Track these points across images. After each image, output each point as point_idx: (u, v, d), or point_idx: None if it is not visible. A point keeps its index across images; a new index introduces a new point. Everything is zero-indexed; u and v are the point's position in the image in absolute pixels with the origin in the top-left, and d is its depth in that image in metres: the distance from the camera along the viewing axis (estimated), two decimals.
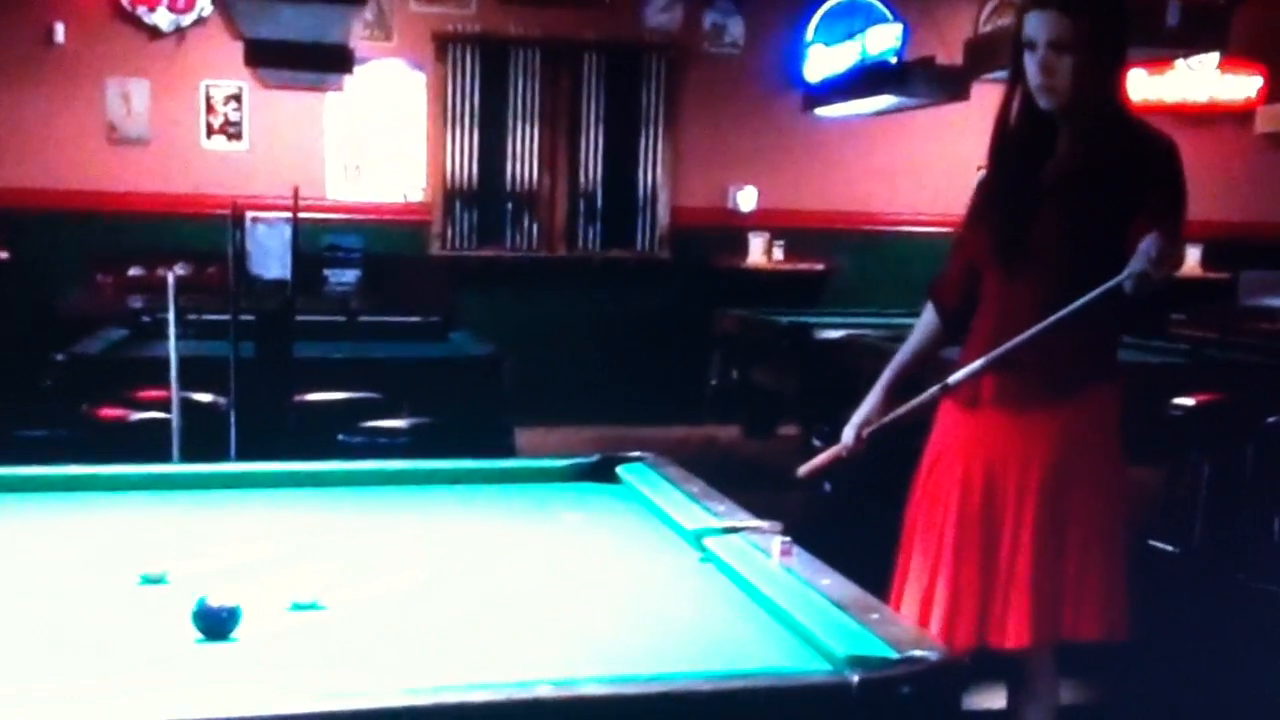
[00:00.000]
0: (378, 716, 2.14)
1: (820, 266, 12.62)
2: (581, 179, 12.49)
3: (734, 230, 12.59)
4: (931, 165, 12.83)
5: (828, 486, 4.12)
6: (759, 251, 12.63)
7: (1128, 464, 3.95)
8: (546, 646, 2.63)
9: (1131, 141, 3.81)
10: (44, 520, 3.68)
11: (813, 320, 9.46)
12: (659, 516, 3.61)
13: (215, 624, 2.61)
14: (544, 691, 2.20)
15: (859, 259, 12.74)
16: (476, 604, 2.95)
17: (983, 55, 8.89)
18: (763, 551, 3.09)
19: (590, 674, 2.33)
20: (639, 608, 2.92)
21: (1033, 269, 3.84)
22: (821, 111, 11.89)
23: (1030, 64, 3.84)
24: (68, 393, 6.44)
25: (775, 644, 2.60)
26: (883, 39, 10.91)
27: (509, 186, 12.39)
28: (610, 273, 12.34)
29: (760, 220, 12.66)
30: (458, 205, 12.34)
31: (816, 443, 4.22)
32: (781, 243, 12.67)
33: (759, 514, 3.48)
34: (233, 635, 2.60)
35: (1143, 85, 12.96)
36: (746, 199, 12.61)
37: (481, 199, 12.36)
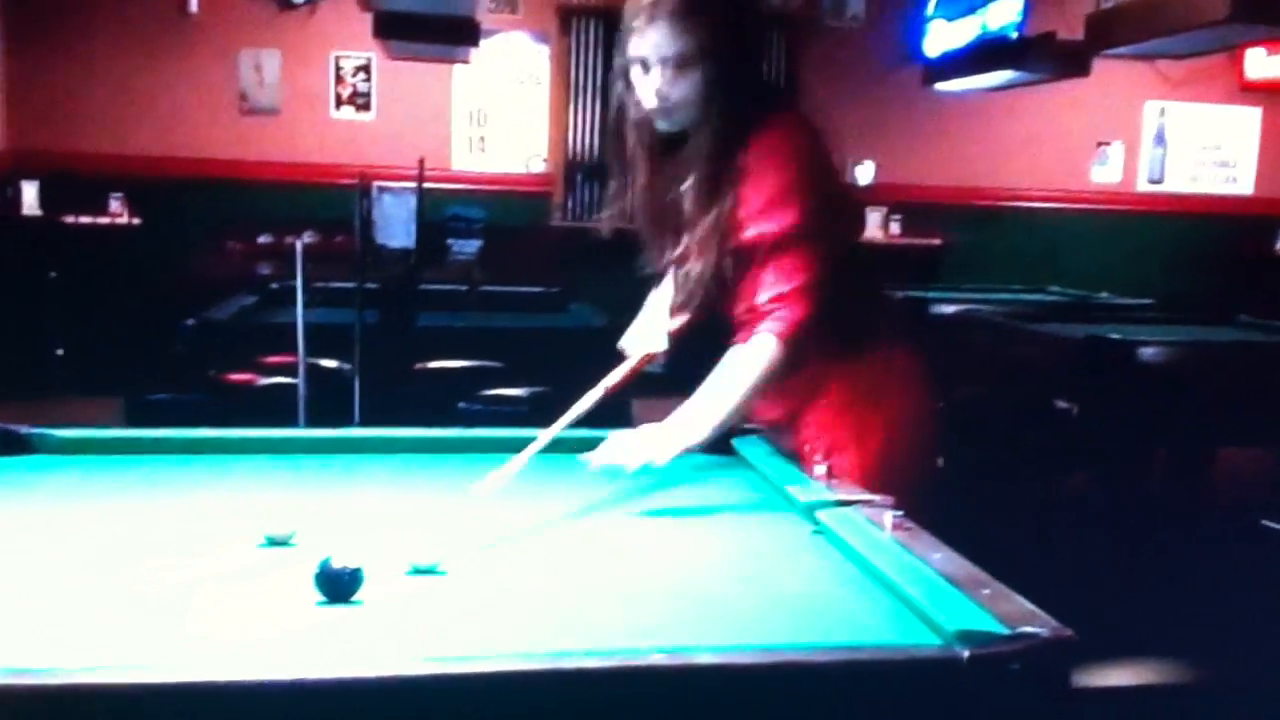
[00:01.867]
0: (495, 681, 2.16)
1: (937, 241, 12.56)
2: None
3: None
4: (1050, 140, 12.74)
5: (940, 461, 4.08)
6: (875, 226, 12.59)
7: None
8: (660, 614, 2.64)
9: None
10: (171, 482, 3.73)
11: (929, 295, 9.41)
12: (772, 489, 3.61)
13: (337, 586, 2.63)
14: (657, 660, 2.21)
15: (976, 234, 12.68)
16: (592, 571, 2.97)
17: (1104, 30, 8.79)
18: (875, 525, 3.09)
19: (702, 643, 2.33)
20: (751, 578, 2.92)
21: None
22: (941, 86, 11.80)
23: (643, 86, 3.51)
24: (198, 357, 6.52)
25: (885, 617, 2.60)
26: (1003, 14, 10.81)
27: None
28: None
29: (878, 194, 12.62)
30: (579, 177, 12.37)
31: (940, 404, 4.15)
32: (899, 217, 12.64)
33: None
34: (354, 598, 2.62)
35: (1264, 65, 12.81)
36: (864, 173, 12.58)
37: (602, 171, 12.39)
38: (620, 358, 3.83)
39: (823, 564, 3.01)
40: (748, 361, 3.39)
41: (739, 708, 2.21)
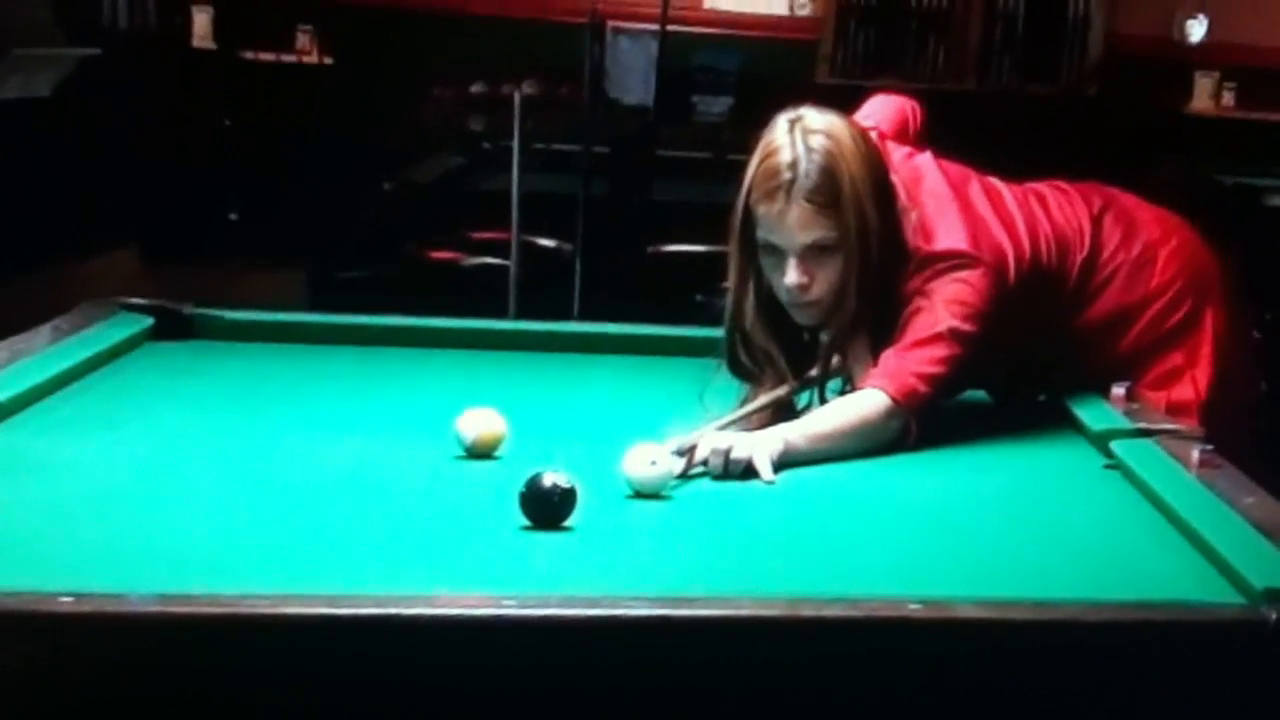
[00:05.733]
0: (724, 625, 2.23)
1: (1279, 117, 12.24)
2: None
3: (1177, 66, 12.25)
4: None
5: (1264, 385, 4.05)
6: (1205, 94, 12.26)
7: None
8: (917, 559, 2.70)
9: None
10: (357, 379, 3.86)
11: (1264, 183, 9.20)
12: (1060, 413, 3.64)
13: (547, 508, 2.69)
14: (912, 611, 2.25)
15: None
16: (837, 504, 3.03)
17: None
18: (1178, 460, 3.11)
19: (965, 593, 2.36)
20: (1030, 519, 2.99)
21: None
22: None
23: (774, 275, 3.47)
24: (394, 227, 6.61)
25: (1182, 569, 2.62)
26: None
27: (914, 1, 12.31)
28: (1026, 110, 12.14)
29: (1210, 56, 12.29)
30: (853, 23, 12.29)
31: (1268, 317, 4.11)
32: (1234, 85, 12.30)
33: None
34: (565, 523, 2.69)
35: None
36: (1195, 29, 12.30)
37: (881, 15, 12.29)
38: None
39: (1114, 504, 3.05)
40: (851, 407, 3.40)
41: (1005, 669, 2.26)
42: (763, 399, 3.47)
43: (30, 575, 2.28)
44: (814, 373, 3.55)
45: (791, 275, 3.38)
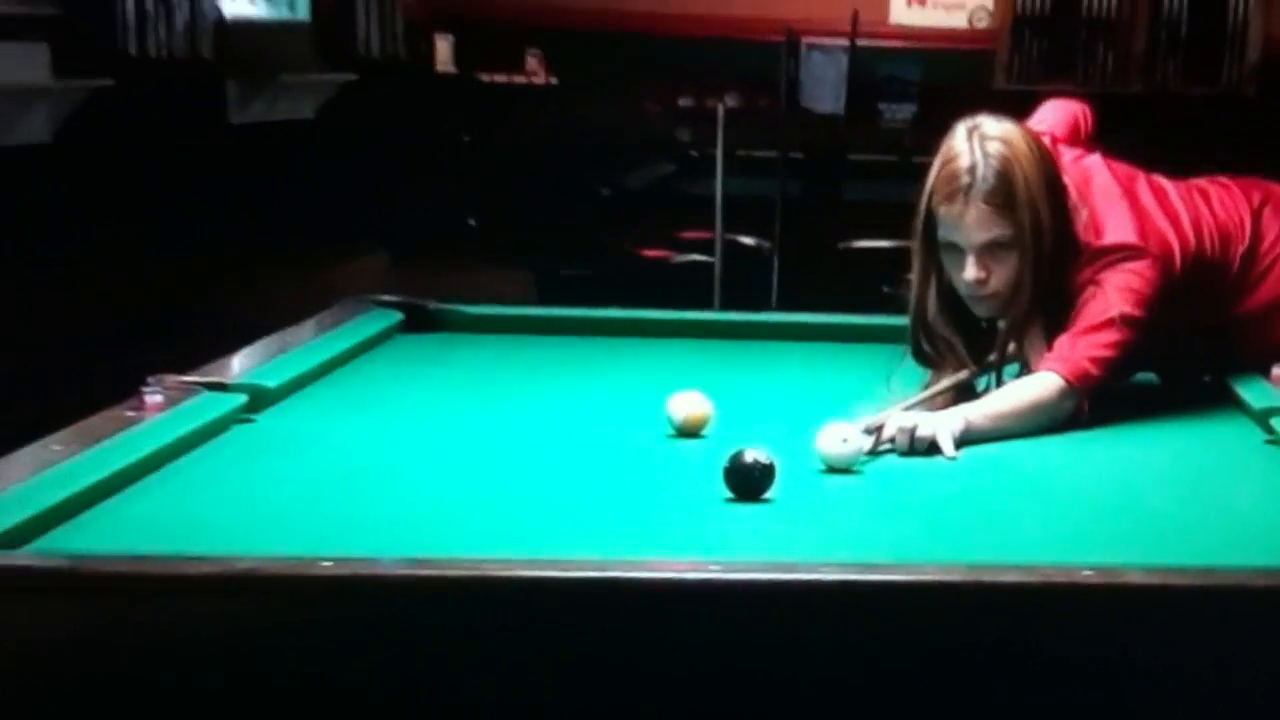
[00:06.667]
0: (909, 589, 2.20)
1: None
2: (1165, 2, 12.14)
3: None
4: None
5: None
6: None
7: None
8: (1087, 529, 2.66)
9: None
10: (579, 364, 3.89)
11: None
12: (1223, 393, 3.57)
13: (748, 482, 2.68)
14: (1085, 576, 2.21)
15: None
16: (1013, 479, 3.01)
17: None
18: None
19: (1135, 560, 2.32)
20: (1195, 491, 2.93)
21: None
22: None
23: (954, 271, 3.42)
24: (612, 229, 6.66)
25: None
26: None
27: (1084, 10, 12.13)
28: (1188, 111, 11.91)
29: None
30: (1027, 33, 12.16)
31: None
32: None
33: None
34: (765, 496, 2.68)
35: None
36: None
37: (1053, 25, 12.14)
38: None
39: (1276, 477, 2.98)
40: (1027, 388, 3.37)
41: (1172, 631, 2.21)
42: (945, 382, 3.45)
43: (296, 542, 2.34)
44: (992, 358, 3.51)
45: (970, 271, 3.35)
